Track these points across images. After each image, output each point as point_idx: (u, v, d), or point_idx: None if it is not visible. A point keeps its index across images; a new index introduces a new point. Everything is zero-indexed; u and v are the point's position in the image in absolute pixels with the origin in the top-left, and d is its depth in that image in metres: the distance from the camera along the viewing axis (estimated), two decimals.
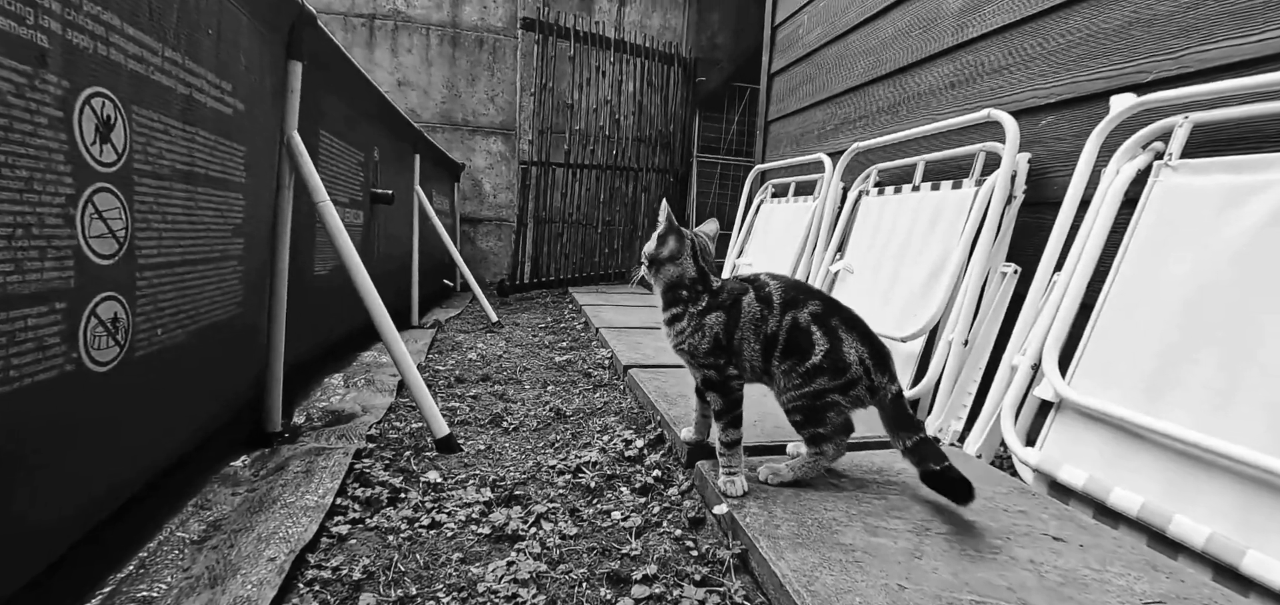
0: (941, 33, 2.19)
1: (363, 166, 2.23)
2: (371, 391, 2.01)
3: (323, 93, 1.76)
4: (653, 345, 2.53)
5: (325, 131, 1.82)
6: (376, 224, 2.46)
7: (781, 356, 1.14)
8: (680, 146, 5.06)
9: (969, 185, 1.87)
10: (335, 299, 2.11)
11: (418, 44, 4.84)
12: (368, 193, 2.29)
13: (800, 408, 1.14)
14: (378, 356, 2.41)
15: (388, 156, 2.59)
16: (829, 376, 1.11)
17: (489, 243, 5.21)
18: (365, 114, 2.23)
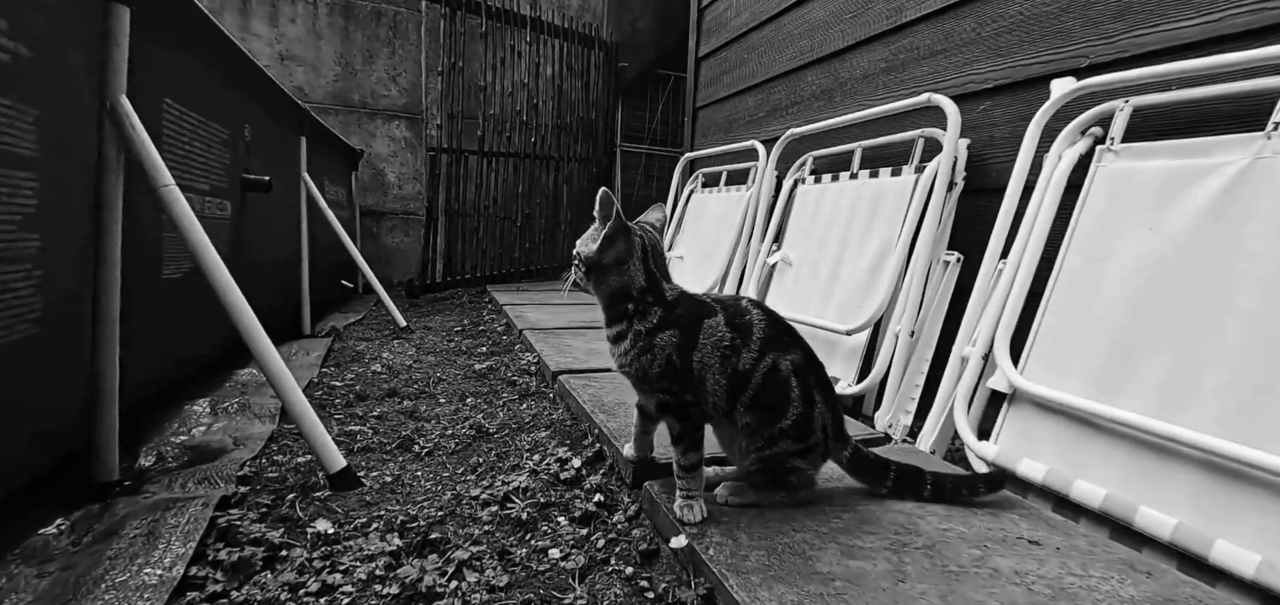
0: (875, 17, 2.18)
1: (229, 146, 1.88)
2: (246, 419, 1.69)
3: (167, 49, 1.44)
4: (584, 347, 2.36)
5: (173, 100, 1.49)
6: (252, 217, 2.10)
7: (751, 405, 1.00)
8: (603, 135, 4.89)
9: (909, 172, 1.86)
10: (197, 308, 1.76)
11: (304, 13, 4.33)
12: (238, 179, 1.94)
13: (762, 470, 1.04)
14: (257, 375, 2.07)
15: (265, 137, 2.23)
16: (793, 440, 1.02)
17: (395, 239, 4.79)
18: (231, 82, 1.88)
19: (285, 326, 2.66)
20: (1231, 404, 0.98)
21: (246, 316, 1.28)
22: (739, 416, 1.01)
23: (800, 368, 1.03)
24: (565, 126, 4.62)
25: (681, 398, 1.01)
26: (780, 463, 1.03)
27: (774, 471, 1.04)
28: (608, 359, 1.02)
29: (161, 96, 1.42)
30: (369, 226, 4.66)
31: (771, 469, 1.04)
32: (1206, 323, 1.05)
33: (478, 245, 4.35)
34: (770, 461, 1.03)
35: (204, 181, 1.69)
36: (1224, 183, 1.10)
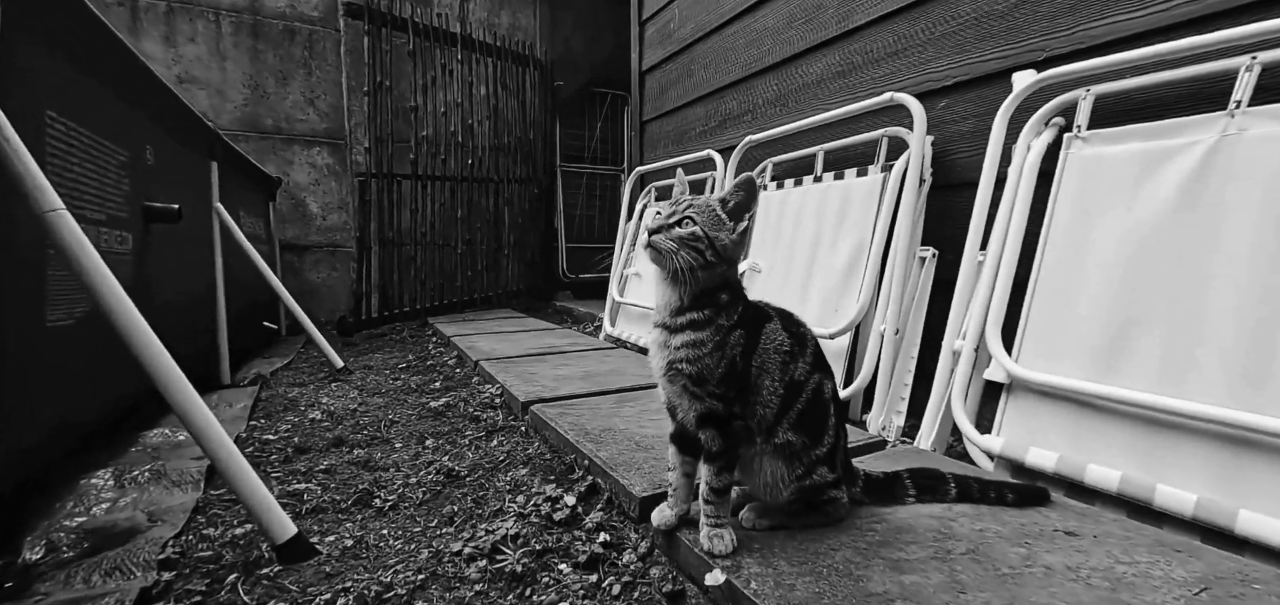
0: (825, 22, 2.22)
1: (128, 171, 1.62)
2: (162, 488, 1.44)
3: (50, 54, 1.21)
4: (551, 374, 2.22)
5: (58, 115, 1.25)
6: (157, 251, 1.83)
7: (797, 422, 0.93)
8: (543, 155, 4.77)
9: (875, 171, 1.87)
10: (93, 359, 1.49)
11: (205, 32, 3.96)
12: (140, 207, 1.68)
13: (799, 499, 0.96)
14: (172, 434, 1.79)
15: (171, 162, 1.96)
16: (828, 468, 0.96)
17: (320, 273, 4.42)
18: (128, 97, 1.63)
19: (200, 378, 2.33)
20: (1237, 372, 1.01)
21: (162, 361, 1.07)
22: (781, 433, 0.93)
23: (835, 396, 1.00)
24: (503, 147, 4.46)
25: (731, 408, 0.92)
26: (818, 493, 0.97)
27: (811, 503, 0.97)
28: (580, 384, 0.91)
29: (43, 108, 1.19)
30: (290, 261, 4.28)
31: (808, 500, 0.97)
32: (1195, 295, 1.09)
33: (416, 275, 4.08)
34: (809, 493, 0.96)
35: (98, 210, 1.43)
36: (1196, 160, 1.15)
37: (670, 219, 0.91)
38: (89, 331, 1.44)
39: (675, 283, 0.92)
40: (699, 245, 0.89)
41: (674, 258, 0.88)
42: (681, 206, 0.92)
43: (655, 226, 0.91)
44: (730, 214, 0.93)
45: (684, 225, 0.90)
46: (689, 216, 0.91)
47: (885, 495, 1.09)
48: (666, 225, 0.91)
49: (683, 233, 0.89)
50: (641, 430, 1.53)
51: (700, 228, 0.90)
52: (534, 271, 4.74)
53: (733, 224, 0.93)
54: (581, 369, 2.30)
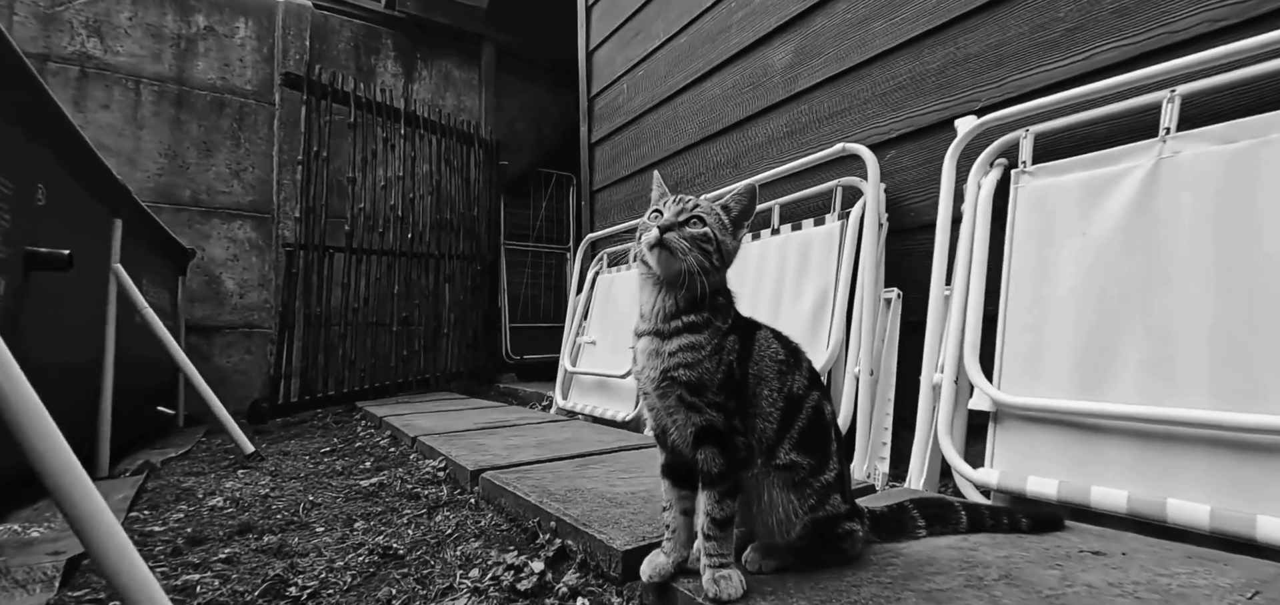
0: (771, 88, 2.34)
1: (11, 207, 1.40)
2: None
3: None
4: (502, 445, 2.03)
5: None
6: (35, 305, 1.57)
7: (799, 441, 0.84)
8: (487, 233, 4.69)
9: (832, 219, 1.92)
10: None
11: (122, 99, 3.73)
12: (21, 250, 1.45)
13: (813, 533, 0.85)
14: (22, 531, 1.49)
15: (66, 210, 1.73)
16: (841, 496, 0.88)
17: (232, 358, 4.02)
18: (20, 123, 1.44)
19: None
20: (1224, 372, 1.02)
21: (39, 422, 0.86)
22: (784, 453, 0.84)
23: (835, 420, 0.93)
24: (445, 223, 4.35)
25: (731, 421, 0.82)
26: (832, 526, 0.86)
27: (824, 536, 0.87)
28: (535, 452, 0.78)
29: None
30: (197, 344, 3.87)
31: (821, 533, 0.86)
32: (1162, 301, 1.12)
33: (344, 357, 3.77)
34: (822, 525, 0.85)
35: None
36: (1137, 183, 1.22)
37: (679, 217, 0.85)
38: None
39: (673, 288, 0.85)
40: (708, 248, 0.84)
41: (686, 258, 0.82)
42: (689, 205, 0.86)
43: (667, 224, 0.84)
44: (733, 221, 0.90)
45: (694, 225, 0.84)
46: (698, 216, 0.85)
47: (894, 530, 1.00)
48: (677, 223, 0.84)
49: (695, 233, 0.84)
50: (612, 488, 1.38)
51: (711, 230, 0.85)
52: (476, 352, 4.52)
53: (734, 231, 0.90)
54: (535, 438, 2.12)
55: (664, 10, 2.95)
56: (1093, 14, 1.45)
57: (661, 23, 2.96)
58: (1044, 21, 1.55)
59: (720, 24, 2.62)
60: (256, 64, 4.17)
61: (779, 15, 2.31)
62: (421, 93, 4.81)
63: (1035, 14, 1.57)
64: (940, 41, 1.78)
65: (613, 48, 3.37)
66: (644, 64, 3.10)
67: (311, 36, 4.29)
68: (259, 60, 4.18)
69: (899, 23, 1.90)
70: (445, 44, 4.90)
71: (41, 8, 3.55)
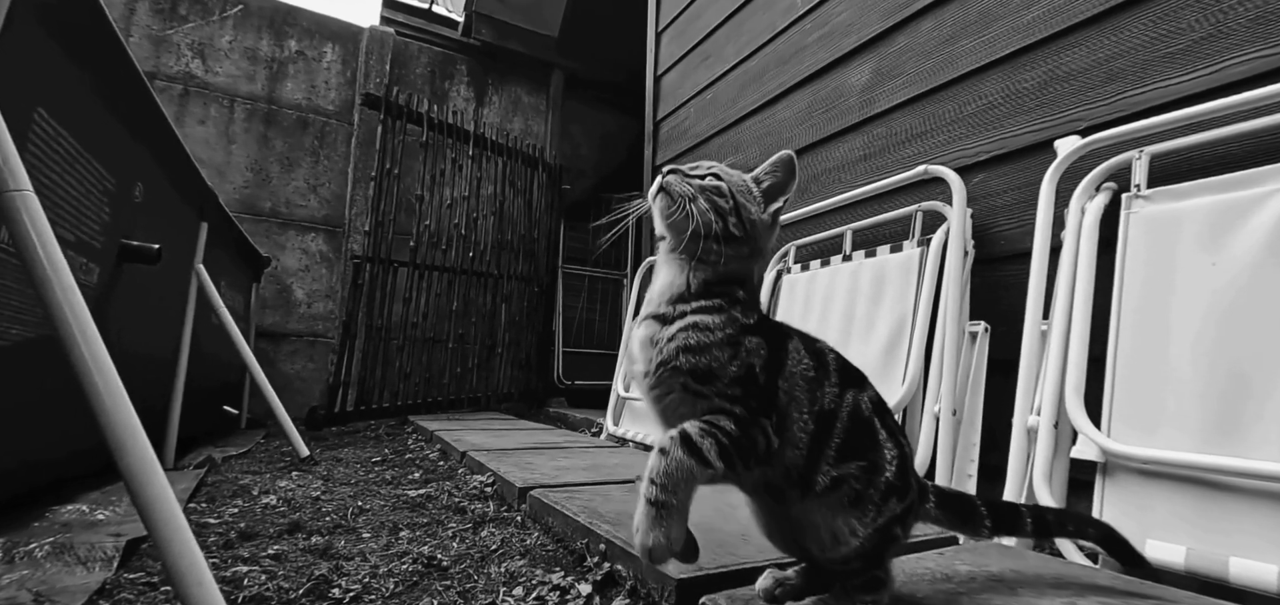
0: (846, 110, 2.29)
1: (111, 200, 1.54)
2: (61, 565, 1.22)
3: (51, 53, 1.16)
4: (550, 465, 2.01)
5: (48, 114, 1.18)
6: (123, 296, 1.70)
7: (839, 457, 0.74)
8: (545, 255, 4.79)
9: (910, 246, 1.83)
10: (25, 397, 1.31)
11: (217, 116, 4.09)
12: (117, 242, 1.58)
13: (869, 549, 0.75)
14: (89, 512, 1.57)
15: (158, 207, 1.89)
16: (899, 498, 0.76)
17: (296, 365, 4.24)
18: (127, 123, 1.58)
19: None
20: None
21: (121, 408, 0.91)
22: (824, 474, 0.74)
23: (879, 405, 0.81)
24: (506, 244, 4.48)
25: (750, 427, 0.72)
26: (887, 531, 0.76)
27: (877, 550, 0.76)
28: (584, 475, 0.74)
29: (34, 104, 1.12)
30: (264, 349, 4.11)
31: (877, 548, 0.76)
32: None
33: (400, 370, 3.91)
34: (880, 535, 0.75)
35: (69, 231, 1.33)
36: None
37: (692, 169, 0.79)
38: (20, 367, 1.28)
39: (684, 261, 0.76)
40: (722, 204, 0.75)
41: (689, 207, 0.73)
42: (705, 164, 0.80)
43: (671, 170, 0.78)
44: (764, 194, 0.80)
45: (707, 179, 0.77)
46: (714, 174, 0.78)
47: (965, 519, 0.87)
48: (686, 173, 0.78)
49: (704, 182, 0.76)
50: None
51: (726, 185, 0.77)
52: (528, 374, 4.58)
53: (765, 204, 0.79)
54: (585, 461, 2.10)
55: (736, 34, 2.96)
56: (1225, 24, 1.33)
57: (733, 46, 2.97)
58: (1164, 33, 1.44)
59: (794, 46, 2.60)
60: (340, 86, 4.49)
61: (858, 35, 2.27)
62: (491, 116, 5.02)
63: (1153, 26, 1.46)
64: (1038, 59, 1.69)
65: (681, 72, 3.41)
66: (712, 88, 3.11)
67: (392, 61, 4.59)
68: (343, 83, 4.50)
69: (991, 40, 1.81)
70: (516, 70, 5.13)
71: (154, 31, 3.97)
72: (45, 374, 1.36)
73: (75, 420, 1.54)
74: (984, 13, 1.85)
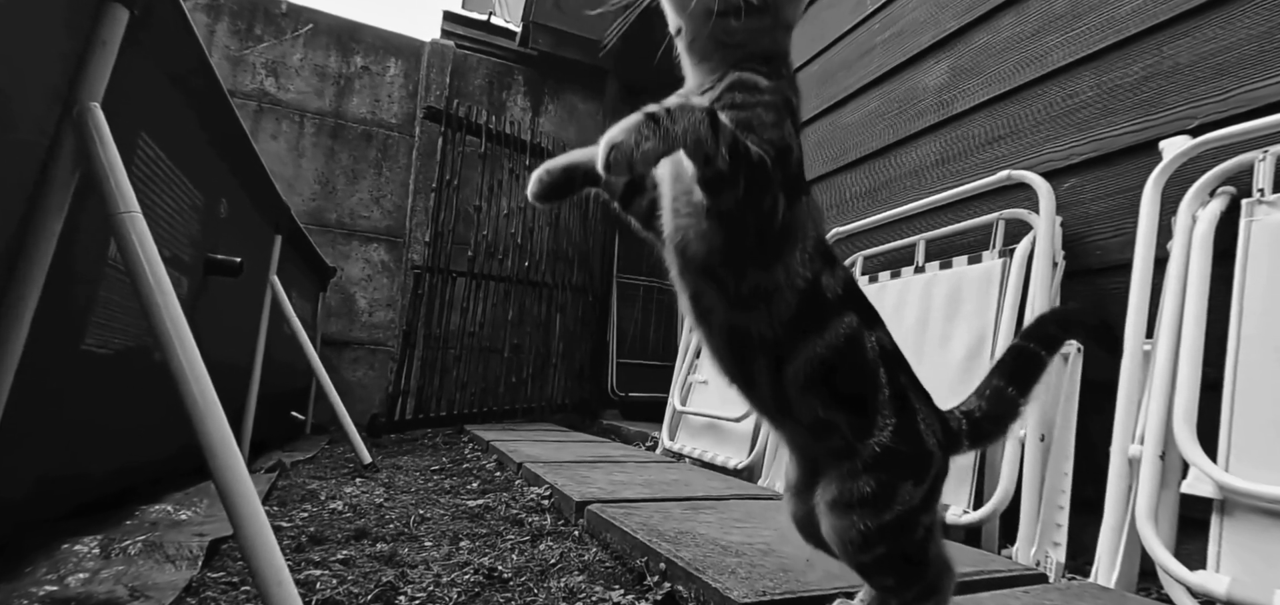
0: (919, 113, 2.22)
1: (200, 217, 1.68)
2: (153, 563, 1.32)
3: (155, 81, 1.29)
4: (606, 480, 2.04)
5: (150, 139, 1.31)
6: (206, 306, 1.85)
7: (823, 375, 0.71)
8: (600, 264, 4.86)
9: (991, 257, 1.75)
10: (124, 403, 1.45)
11: (288, 131, 4.38)
12: (203, 256, 1.72)
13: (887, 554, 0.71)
14: (173, 512, 1.70)
15: (238, 222, 2.05)
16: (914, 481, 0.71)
17: (358, 372, 4.46)
18: (216, 145, 1.73)
19: None
20: None
21: (213, 412, 1.00)
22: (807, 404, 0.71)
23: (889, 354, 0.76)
24: (561, 253, 4.58)
25: (771, 157, 0.68)
26: (908, 530, 0.71)
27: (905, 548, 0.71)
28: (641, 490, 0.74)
29: (138, 129, 1.25)
30: (328, 356, 4.34)
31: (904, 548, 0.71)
32: None
33: (457, 379, 4.05)
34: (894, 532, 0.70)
35: (165, 247, 1.46)
36: None
37: None
38: (122, 368, 1.41)
39: (708, 49, 0.74)
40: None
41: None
42: None
43: None
44: None
45: None
46: None
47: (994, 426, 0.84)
48: None
49: None
50: (727, 536, 1.33)
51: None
52: (582, 385, 4.65)
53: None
54: (641, 477, 2.11)
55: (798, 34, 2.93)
56: None
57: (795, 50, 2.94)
58: None
59: (861, 47, 2.55)
60: (402, 99, 4.72)
61: (932, 33, 2.20)
62: (547, 125, 5.16)
63: (1272, 13, 1.35)
64: (1137, 53, 1.59)
65: None
66: None
67: (451, 73, 4.79)
68: (405, 96, 4.73)
69: (1081, 34, 1.73)
70: (571, 78, 5.25)
71: (232, 51, 4.30)
72: (137, 381, 1.50)
73: (160, 424, 1.69)
74: (1073, 6, 1.77)
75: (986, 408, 0.83)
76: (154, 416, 1.66)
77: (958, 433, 0.80)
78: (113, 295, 1.29)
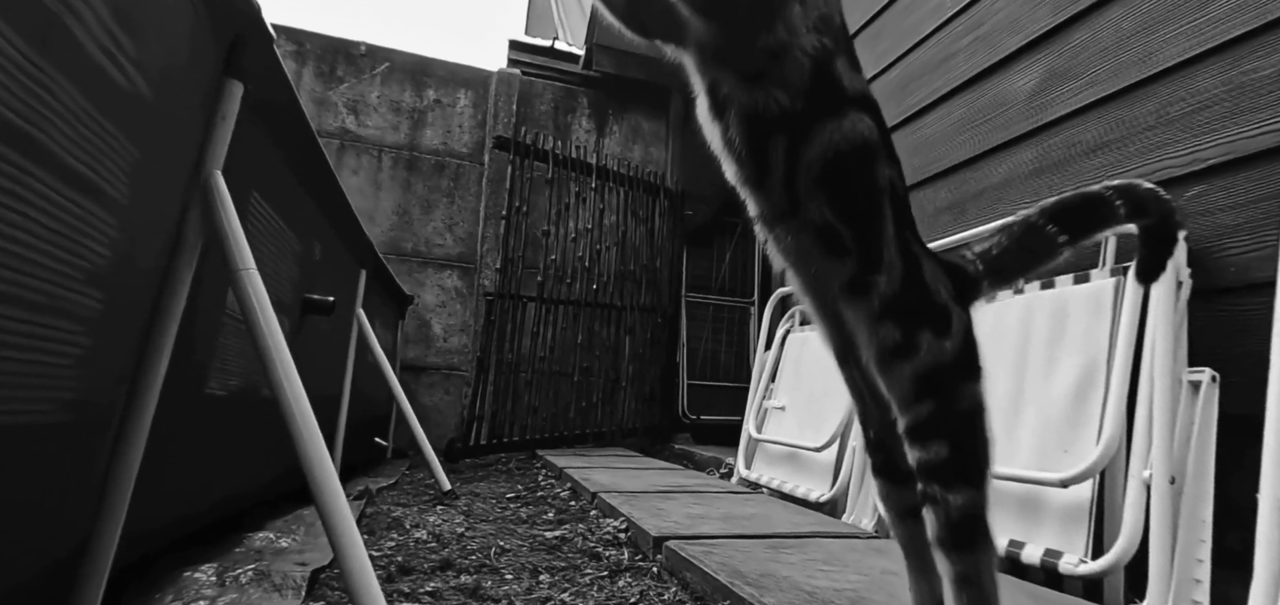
0: (1011, 119, 2.13)
1: (299, 262, 1.84)
2: (262, 591, 1.44)
3: (262, 143, 1.43)
4: (682, 513, 2.05)
5: (261, 197, 1.45)
6: (302, 343, 2.01)
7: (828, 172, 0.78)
8: (668, 284, 4.89)
9: (1100, 276, 1.65)
10: (232, 437, 1.60)
11: (367, 165, 4.70)
12: (301, 297, 1.88)
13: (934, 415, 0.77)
14: (275, 539, 1.84)
15: (330, 262, 2.22)
16: (935, 329, 0.78)
17: (434, 396, 4.68)
18: (312, 192, 1.89)
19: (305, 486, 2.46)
20: None
21: (316, 446, 1.10)
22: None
23: (900, 200, 0.81)
24: (628, 274, 4.65)
25: None
26: (948, 387, 0.78)
27: (951, 406, 0.76)
28: (719, 525, 0.74)
29: (251, 188, 1.39)
30: (406, 382, 4.58)
31: (950, 406, 0.77)
32: None
33: (528, 404, 4.17)
34: (935, 385, 0.76)
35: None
36: None
37: None
38: (237, 407, 1.56)
39: None
40: None
41: None
42: None
43: None
44: None
45: None
46: None
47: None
48: None
49: None
50: (812, 581, 1.31)
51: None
52: (652, 408, 4.68)
53: None
54: (718, 510, 2.11)
55: (874, 43, 2.88)
56: None
57: (871, 56, 2.89)
58: None
59: (942, 52, 2.47)
60: (472, 129, 4.96)
61: (1023, 34, 2.11)
62: (611, 146, 5.27)
63: None
64: (1276, 41, 1.47)
65: None
66: None
67: (517, 100, 4.99)
68: (474, 126, 4.97)
69: (1204, 25, 1.61)
70: (635, 98, 5.35)
71: (317, 93, 4.67)
72: (246, 417, 1.65)
73: (262, 455, 1.85)
74: None
75: (1010, 244, 0.84)
76: (258, 448, 1.82)
77: (975, 277, 0.82)
78: (228, 341, 1.44)
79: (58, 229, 0.70)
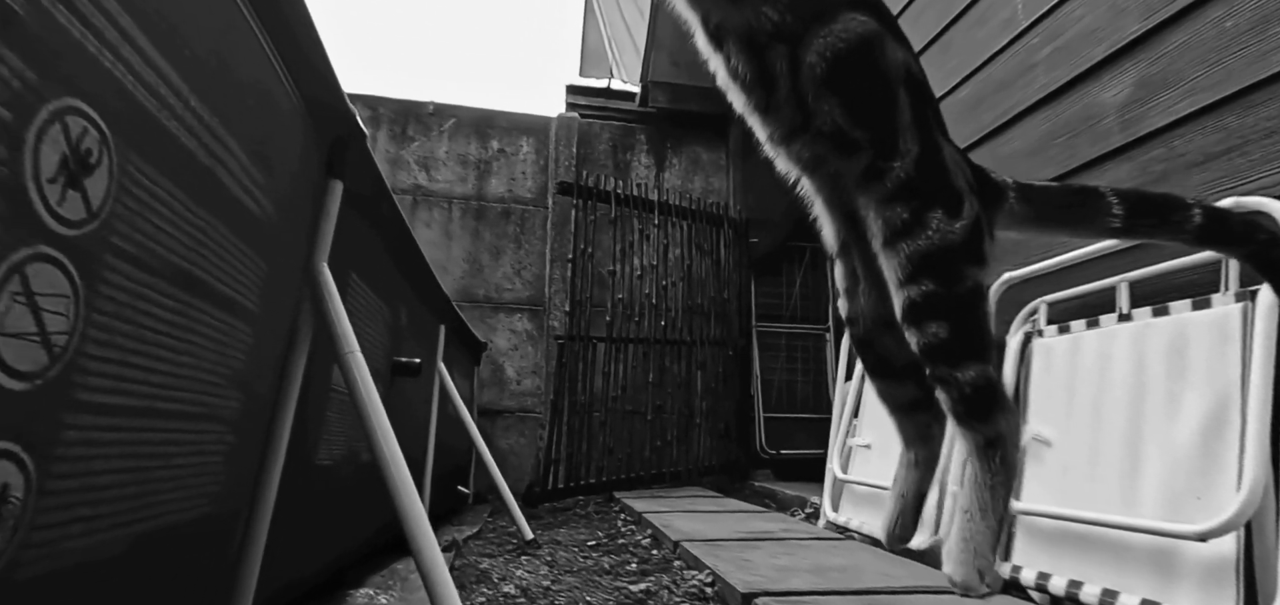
0: (1102, 134, 2.04)
1: (389, 328, 1.98)
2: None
3: (357, 225, 1.57)
4: (769, 564, 2.03)
5: (358, 277, 1.59)
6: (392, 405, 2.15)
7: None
8: (737, 315, 4.88)
9: (1224, 301, 1.54)
10: (337, 502, 1.73)
11: (438, 218, 4.97)
12: (391, 361, 2.02)
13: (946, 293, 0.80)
14: (375, 595, 1.96)
15: (414, 323, 2.37)
16: (944, 209, 0.79)
17: (509, 440, 4.84)
18: (399, 263, 2.04)
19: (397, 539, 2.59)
20: None
21: (414, 506, 1.19)
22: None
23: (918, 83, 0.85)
24: (696, 308, 4.68)
25: None
26: (951, 268, 0.79)
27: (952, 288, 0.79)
28: (810, 580, 0.73)
29: (349, 270, 1.53)
30: (483, 426, 4.75)
31: (951, 288, 0.79)
32: None
33: (603, 445, 4.25)
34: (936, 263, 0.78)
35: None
36: None
37: None
38: (340, 475, 1.69)
39: None
40: None
41: None
42: None
43: None
44: None
45: None
46: None
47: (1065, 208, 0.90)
48: None
49: None
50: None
51: None
52: (728, 445, 4.65)
53: None
54: (806, 561, 2.08)
55: (943, 59, 2.83)
56: None
57: (940, 73, 2.83)
58: None
59: (1019, 66, 2.40)
60: (535, 174, 5.17)
61: (1109, 41, 2.03)
62: (671, 180, 5.36)
63: None
64: None
65: None
66: None
67: (577, 142, 5.17)
68: (536, 171, 5.18)
69: None
70: (693, 130, 5.43)
71: (390, 154, 5.00)
72: (349, 481, 1.78)
73: (360, 514, 1.98)
74: None
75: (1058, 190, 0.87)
76: (358, 508, 1.95)
77: (1001, 187, 0.84)
78: (332, 414, 1.57)
79: (210, 346, 0.81)
